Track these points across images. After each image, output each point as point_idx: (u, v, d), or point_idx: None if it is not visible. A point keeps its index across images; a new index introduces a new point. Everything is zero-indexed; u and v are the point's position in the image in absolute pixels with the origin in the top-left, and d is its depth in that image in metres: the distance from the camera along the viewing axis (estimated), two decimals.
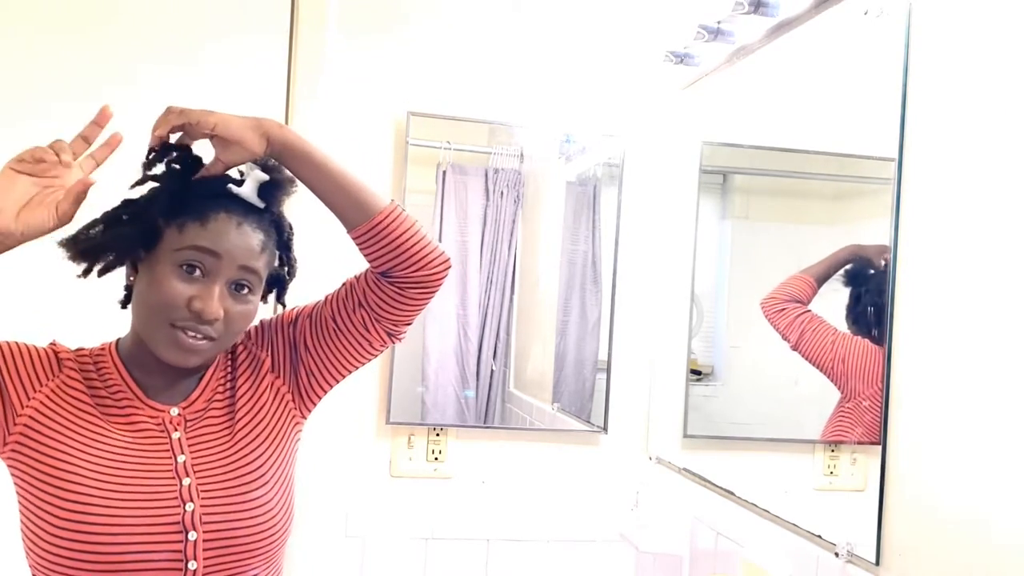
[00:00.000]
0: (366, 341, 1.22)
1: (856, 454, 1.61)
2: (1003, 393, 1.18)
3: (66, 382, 1.10)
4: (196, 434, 1.13)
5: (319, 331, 1.21)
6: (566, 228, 2.37)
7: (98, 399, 1.10)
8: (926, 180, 1.35)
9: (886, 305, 1.40)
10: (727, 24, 1.90)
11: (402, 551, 2.16)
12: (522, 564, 2.21)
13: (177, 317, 1.07)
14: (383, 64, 2.15)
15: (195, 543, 1.06)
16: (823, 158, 1.84)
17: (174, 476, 1.08)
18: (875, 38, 1.49)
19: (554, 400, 2.33)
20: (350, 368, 1.24)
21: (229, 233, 1.09)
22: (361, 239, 1.17)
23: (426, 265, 1.18)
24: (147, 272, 1.09)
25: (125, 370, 1.13)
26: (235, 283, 1.10)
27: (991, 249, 1.22)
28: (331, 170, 1.15)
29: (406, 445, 2.18)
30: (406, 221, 1.18)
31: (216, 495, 1.09)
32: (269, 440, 1.18)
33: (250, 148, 1.11)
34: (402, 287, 1.18)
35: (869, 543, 1.40)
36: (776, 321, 1.74)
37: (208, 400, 1.16)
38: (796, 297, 1.70)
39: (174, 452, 1.10)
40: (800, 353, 1.70)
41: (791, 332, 1.70)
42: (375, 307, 1.19)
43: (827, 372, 1.65)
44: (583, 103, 2.26)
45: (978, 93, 1.26)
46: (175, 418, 1.13)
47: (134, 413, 1.11)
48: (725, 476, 1.91)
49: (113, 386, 1.11)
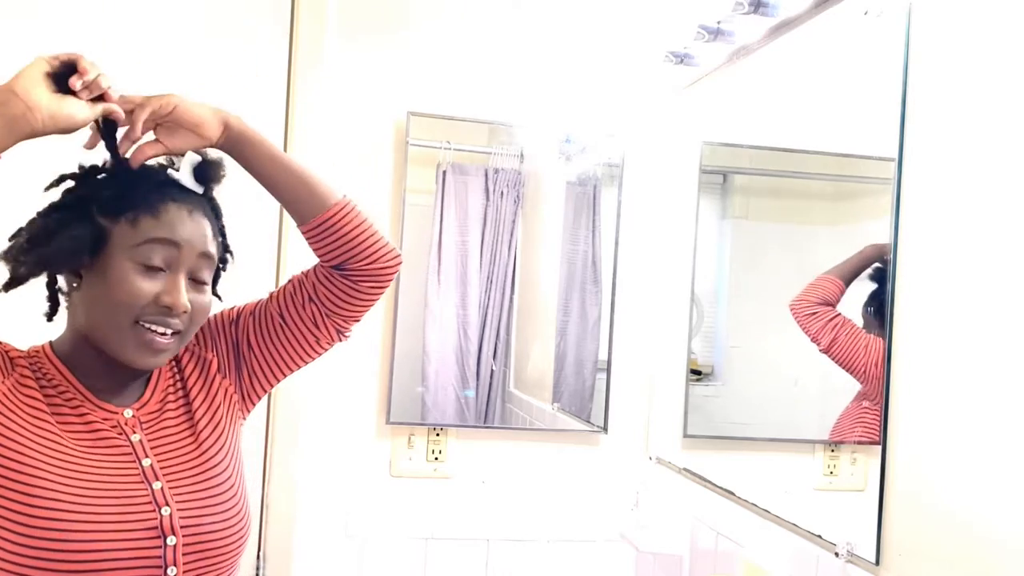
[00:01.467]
0: (313, 338, 1.21)
1: (856, 454, 1.61)
2: (1003, 393, 1.18)
3: (20, 382, 1.04)
4: (157, 436, 1.10)
5: (264, 329, 1.20)
6: (566, 228, 2.37)
7: (49, 400, 1.05)
8: (926, 180, 1.35)
9: (887, 304, 1.40)
10: (727, 24, 1.90)
11: (402, 551, 2.16)
12: (522, 564, 2.21)
13: (145, 315, 1.03)
14: (383, 64, 2.15)
15: (174, 548, 1.03)
16: (823, 158, 1.84)
17: (142, 480, 1.05)
18: (875, 38, 1.49)
19: (554, 400, 2.33)
20: (293, 367, 1.23)
21: (184, 222, 1.06)
22: (313, 233, 1.16)
23: (380, 258, 1.19)
24: (98, 274, 1.03)
25: (69, 373, 1.07)
26: (194, 273, 1.08)
27: (991, 249, 1.22)
28: (286, 163, 1.15)
29: (406, 445, 2.18)
30: (359, 215, 1.18)
31: (190, 499, 1.07)
32: (228, 442, 1.16)
33: (206, 134, 1.08)
34: (355, 280, 1.18)
35: (869, 543, 1.40)
36: (808, 324, 1.71)
37: (161, 401, 1.13)
38: (827, 300, 1.68)
39: (137, 455, 1.06)
40: (831, 356, 1.67)
41: (823, 336, 1.68)
42: (326, 301, 1.19)
43: (859, 375, 1.63)
44: (583, 103, 2.26)
45: (978, 93, 1.26)
46: (130, 420, 1.09)
47: (87, 414, 1.06)
48: (725, 476, 1.91)
49: (60, 387, 1.06)
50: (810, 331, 1.71)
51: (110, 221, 1.04)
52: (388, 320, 2.15)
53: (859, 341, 1.62)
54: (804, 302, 1.72)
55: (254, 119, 1.13)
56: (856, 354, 1.63)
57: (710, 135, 2.16)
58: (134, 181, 1.07)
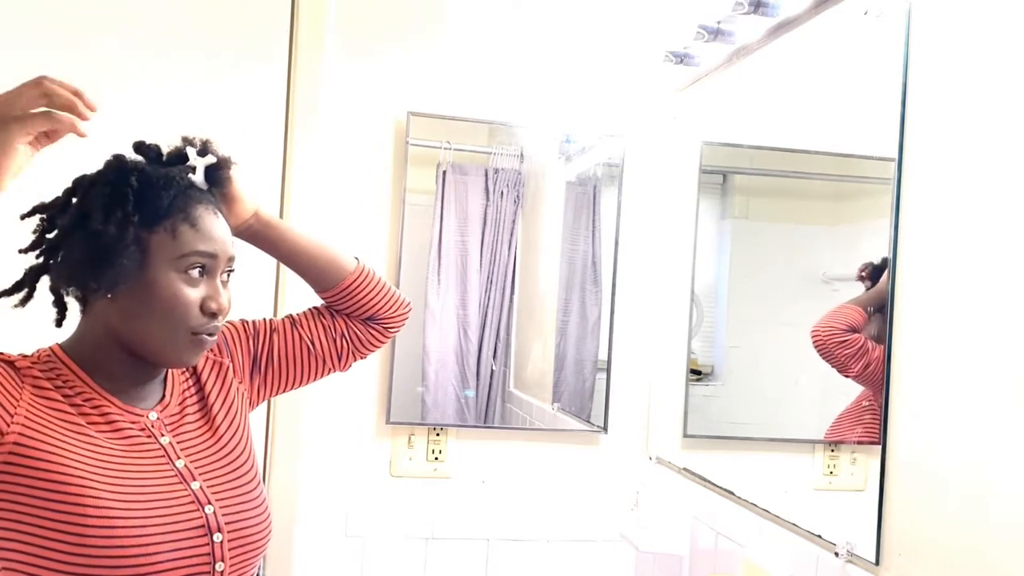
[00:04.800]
0: (331, 367, 1.33)
1: (856, 454, 1.61)
2: (1004, 392, 1.18)
3: (38, 392, 1.02)
4: (183, 438, 1.12)
5: (291, 351, 1.28)
6: (566, 228, 2.37)
7: (68, 398, 1.04)
8: (926, 180, 1.35)
9: (887, 304, 1.40)
10: (727, 24, 1.90)
11: (402, 551, 2.16)
12: (522, 564, 2.21)
13: (196, 323, 1.06)
14: (383, 64, 2.15)
15: (221, 544, 1.06)
16: (823, 158, 1.84)
17: (180, 481, 1.07)
18: (875, 38, 1.49)
19: (554, 400, 2.33)
20: (303, 385, 1.32)
21: (216, 227, 1.09)
22: (334, 299, 1.29)
23: (394, 313, 1.35)
24: (141, 285, 1.04)
25: (87, 374, 1.06)
26: (224, 274, 1.11)
27: (991, 249, 1.22)
28: (304, 242, 1.26)
29: (406, 445, 2.18)
30: (372, 276, 1.31)
31: (227, 496, 1.10)
32: (247, 439, 1.20)
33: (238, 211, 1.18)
34: (386, 326, 1.35)
35: (869, 543, 1.40)
36: (838, 352, 1.65)
37: (181, 403, 1.15)
38: (853, 327, 1.65)
39: (170, 457, 1.08)
40: (858, 380, 1.63)
41: (854, 363, 1.65)
42: (355, 341, 1.33)
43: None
44: (583, 103, 2.26)
45: (978, 93, 1.26)
46: (155, 422, 1.10)
47: (113, 418, 1.06)
48: (725, 476, 1.91)
49: (79, 390, 1.05)
50: (839, 358, 1.66)
51: (148, 231, 1.04)
52: None
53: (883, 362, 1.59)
54: (832, 329, 1.66)
55: (254, 119, 1.14)
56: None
57: (710, 135, 2.16)
58: (164, 187, 1.07)
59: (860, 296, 1.62)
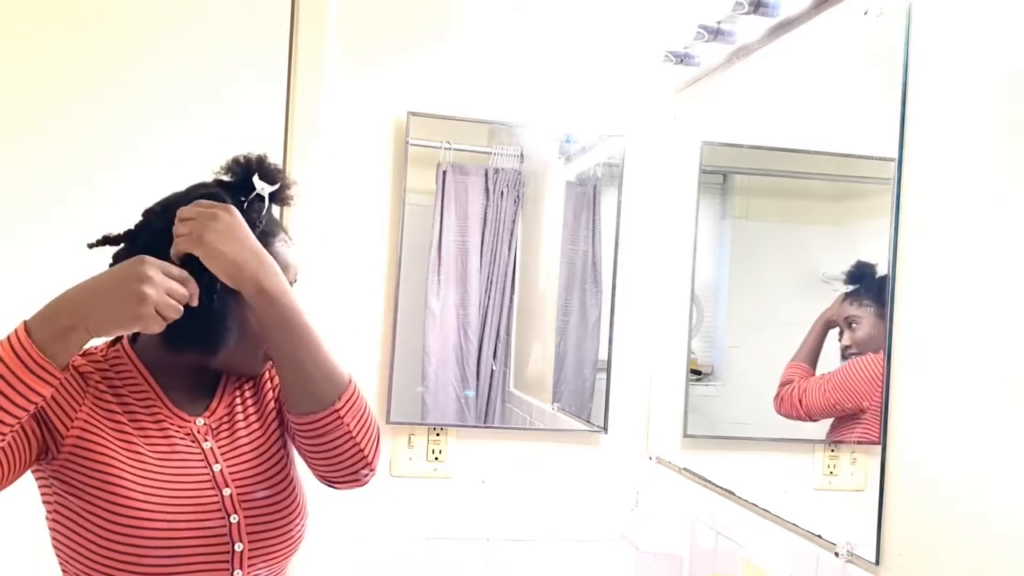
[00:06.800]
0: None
1: (856, 454, 1.61)
2: (1003, 393, 1.18)
3: (98, 396, 1.11)
4: (226, 444, 1.16)
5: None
6: (566, 228, 2.37)
7: (125, 405, 1.11)
8: (926, 180, 1.35)
9: (886, 305, 1.40)
10: (727, 24, 1.90)
11: (402, 551, 2.16)
12: (522, 564, 2.21)
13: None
14: (383, 64, 2.15)
15: (241, 553, 1.11)
16: (823, 158, 1.84)
17: (213, 487, 1.12)
18: (875, 38, 1.49)
19: (554, 400, 2.33)
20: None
21: (290, 254, 1.18)
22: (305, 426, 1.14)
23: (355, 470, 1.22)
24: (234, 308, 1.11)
25: (151, 376, 1.15)
26: None
27: (991, 249, 1.22)
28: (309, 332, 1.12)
29: (406, 445, 2.18)
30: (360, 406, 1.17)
31: (255, 507, 1.14)
32: (285, 447, 1.23)
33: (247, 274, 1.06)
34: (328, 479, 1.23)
35: (869, 543, 1.40)
36: (786, 412, 1.75)
37: (228, 410, 1.19)
38: (788, 381, 1.74)
39: (208, 462, 1.13)
40: (813, 418, 1.70)
41: (795, 410, 1.72)
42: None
43: (836, 411, 1.66)
44: (583, 103, 2.26)
45: (978, 93, 1.26)
46: (202, 428, 1.16)
47: (163, 421, 1.13)
48: (725, 476, 1.91)
49: (139, 392, 1.13)
50: (790, 414, 1.74)
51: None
52: (388, 320, 2.15)
53: (817, 386, 1.67)
54: (786, 401, 1.75)
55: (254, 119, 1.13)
56: (823, 398, 1.67)
57: (710, 135, 2.16)
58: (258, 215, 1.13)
59: (799, 352, 1.72)
